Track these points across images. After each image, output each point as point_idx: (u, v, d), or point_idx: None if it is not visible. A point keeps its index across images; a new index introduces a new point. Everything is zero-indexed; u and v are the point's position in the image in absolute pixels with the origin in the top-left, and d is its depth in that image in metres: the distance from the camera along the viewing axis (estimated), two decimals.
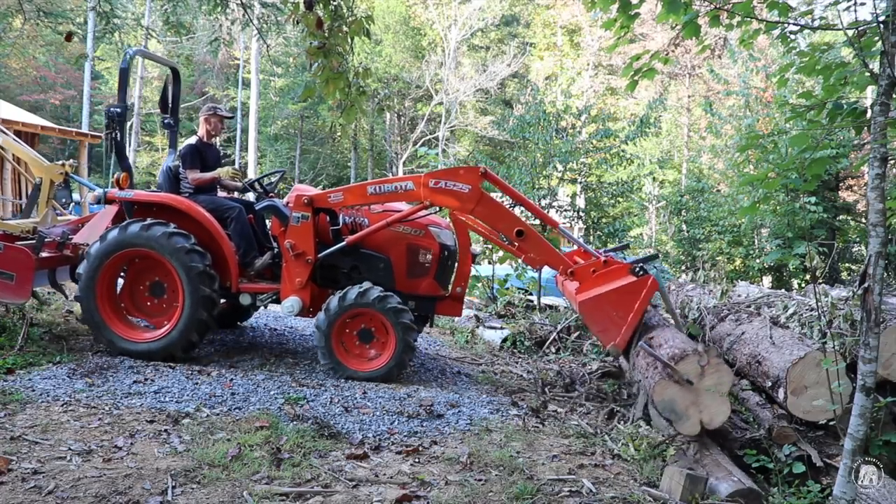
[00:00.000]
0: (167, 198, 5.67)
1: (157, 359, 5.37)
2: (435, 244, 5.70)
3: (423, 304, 5.80)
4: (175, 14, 10.59)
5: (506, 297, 9.63)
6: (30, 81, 31.18)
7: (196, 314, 5.36)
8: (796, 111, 3.89)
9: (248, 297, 5.71)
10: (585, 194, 14.11)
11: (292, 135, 34.34)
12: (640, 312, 4.91)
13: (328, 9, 5.08)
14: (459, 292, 5.87)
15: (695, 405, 4.23)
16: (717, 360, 4.31)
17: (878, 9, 3.35)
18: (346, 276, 5.71)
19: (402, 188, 5.48)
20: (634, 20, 4.14)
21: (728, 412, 4.26)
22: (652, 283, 4.91)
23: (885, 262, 5.58)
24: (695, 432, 4.21)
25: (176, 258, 5.32)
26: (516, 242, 5.42)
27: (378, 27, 29.58)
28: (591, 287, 5.10)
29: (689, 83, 29.11)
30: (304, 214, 5.53)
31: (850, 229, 14.63)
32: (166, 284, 5.62)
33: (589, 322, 5.15)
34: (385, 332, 5.36)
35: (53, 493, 3.10)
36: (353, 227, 5.78)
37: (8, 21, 19.52)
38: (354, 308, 5.30)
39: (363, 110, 5.46)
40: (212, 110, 6.16)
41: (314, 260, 5.56)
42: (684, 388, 4.24)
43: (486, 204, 5.41)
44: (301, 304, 5.51)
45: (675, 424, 4.26)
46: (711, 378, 4.25)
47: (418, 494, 3.38)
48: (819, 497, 3.80)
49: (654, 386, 4.30)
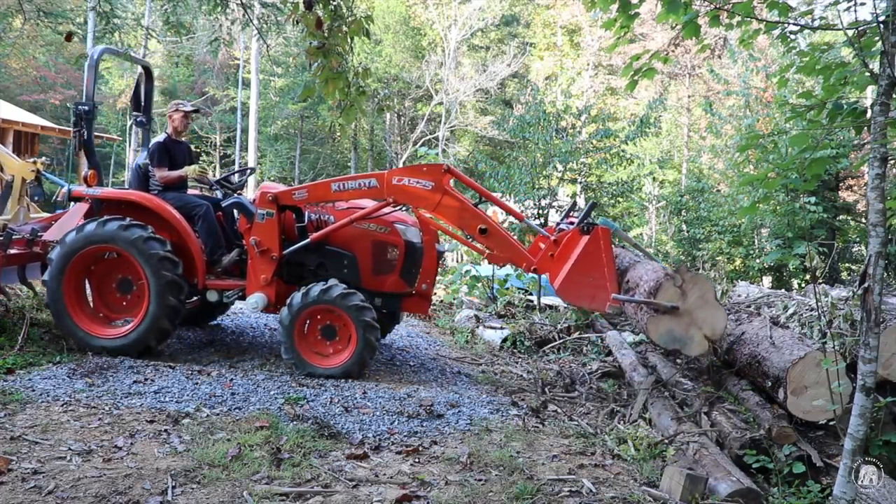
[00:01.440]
0: (134, 195, 5.72)
1: (131, 354, 5.39)
2: (401, 241, 5.71)
3: (390, 301, 5.84)
4: (175, 14, 10.59)
5: (506, 297, 9.62)
6: (30, 81, 31.16)
7: (164, 301, 5.37)
8: (796, 111, 3.89)
9: (215, 294, 5.74)
10: (585, 194, 14.10)
11: (292, 135, 34.32)
12: (611, 262, 4.91)
13: (328, 9, 5.08)
14: (426, 289, 5.90)
15: (692, 325, 4.25)
16: (691, 275, 4.39)
17: (878, 9, 3.35)
18: (312, 273, 5.75)
19: (365, 185, 5.50)
20: (634, 20, 4.14)
21: (725, 315, 4.31)
22: (603, 232, 4.93)
23: (885, 262, 5.58)
24: (705, 348, 4.24)
25: (134, 248, 5.35)
26: (479, 240, 5.42)
27: (378, 27, 29.57)
28: (558, 270, 5.09)
29: (689, 83, 29.09)
30: (268, 211, 5.57)
31: (850, 229, 14.62)
32: (131, 277, 5.66)
33: (576, 301, 5.14)
34: (347, 329, 5.37)
35: (53, 493, 3.10)
36: (319, 224, 5.82)
37: (8, 21, 19.52)
38: (317, 304, 5.31)
39: (363, 110, 5.47)
40: (174, 107, 6.18)
41: (279, 257, 5.60)
42: (673, 314, 4.26)
43: (449, 201, 5.38)
44: (266, 300, 5.55)
45: (684, 350, 4.28)
46: (693, 293, 4.31)
47: (418, 494, 3.38)
48: (819, 497, 3.80)
49: (646, 326, 4.30)
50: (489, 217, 5.46)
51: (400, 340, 7.28)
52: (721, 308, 4.34)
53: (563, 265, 5.04)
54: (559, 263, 5.10)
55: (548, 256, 5.21)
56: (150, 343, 5.46)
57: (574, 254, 4.97)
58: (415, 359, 6.46)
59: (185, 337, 6.49)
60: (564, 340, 7.46)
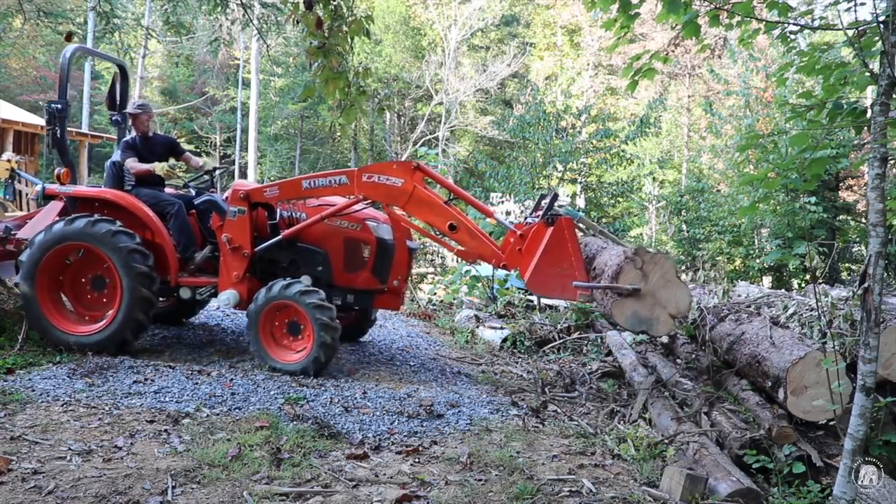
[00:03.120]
0: (107, 193, 5.75)
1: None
2: (372, 238, 5.73)
3: (362, 297, 5.87)
4: (175, 14, 10.59)
5: (506, 297, 9.62)
6: (30, 81, 31.18)
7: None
8: (796, 111, 3.89)
9: (188, 291, 5.78)
10: (585, 194, 14.11)
11: (292, 135, 34.33)
12: (577, 251, 4.95)
13: (328, 9, 5.08)
14: (397, 285, 5.91)
15: (656, 305, 4.32)
16: (650, 255, 4.47)
17: (878, 9, 3.35)
18: (284, 270, 5.78)
19: (336, 182, 5.52)
20: (634, 20, 4.14)
21: (689, 292, 4.37)
22: (566, 222, 4.98)
23: (885, 262, 5.58)
24: (670, 327, 4.35)
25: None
26: (449, 236, 5.44)
27: (378, 27, 29.57)
28: (527, 264, 5.11)
29: (689, 83, 29.10)
30: (240, 209, 5.62)
31: (850, 229, 14.63)
32: (103, 274, 5.68)
33: (547, 294, 5.17)
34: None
35: (53, 493, 3.10)
36: (291, 221, 5.85)
37: (8, 21, 19.52)
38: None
39: (363, 110, 5.47)
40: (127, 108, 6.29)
41: (251, 254, 5.64)
42: (637, 296, 4.30)
43: (419, 198, 5.39)
44: (238, 296, 5.58)
45: (651, 331, 4.39)
46: (655, 273, 4.38)
47: (418, 494, 3.38)
48: (819, 497, 3.80)
49: (610, 310, 4.34)
50: (459, 213, 5.48)
51: (400, 340, 7.28)
52: (684, 285, 4.43)
53: (531, 258, 5.06)
54: (527, 257, 5.12)
55: (516, 251, 5.22)
56: (127, 337, 5.48)
57: (540, 247, 5.00)
58: (415, 359, 6.46)
59: (185, 337, 6.49)
60: (564, 340, 7.46)
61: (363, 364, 5.98)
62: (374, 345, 6.90)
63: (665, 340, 6.60)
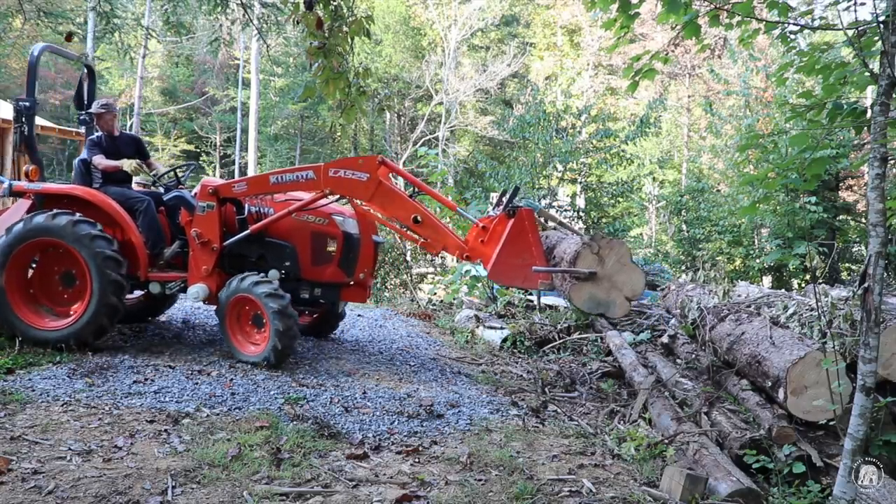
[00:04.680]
0: (76, 189, 5.79)
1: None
2: (338, 232, 5.83)
3: (329, 290, 5.99)
4: (175, 14, 10.59)
5: (506, 297, 9.62)
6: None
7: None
8: (796, 111, 3.89)
9: (158, 286, 5.84)
10: (585, 194, 14.11)
11: (292, 135, 34.34)
12: (538, 241, 5.09)
13: (328, 9, 5.08)
14: (363, 278, 6.02)
15: (613, 288, 4.65)
16: (606, 241, 4.77)
17: (878, 9, 3.35)
18: (252, 265, 5.86)
19: (303, 177, 5.62)
20: (634, 20, 4.15)
21: (643, 275, 4.64)
22: (526, 213, 5.11)
23: (885, 262, 5.58)
24: (626, 309, 4.72)
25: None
26: (414, 230, 5.55)
27: (378, 27, 29.57)
28: (489, 255, 5.23)
29: (689, 83, 29.11)
30: (209, 204, 5.72)
31: (850, 229, 14.62)
32: (74, 271, 5.68)
33: (509, 283, 5.34)
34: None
35: (53, 493, 3.10)
36: (259, 216, 5.93)
37: (8, 21, 19.52)
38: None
39: (363, 110, 5.48)
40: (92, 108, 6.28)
41: (220, 248, 5.73)
42: (594, 280, 4.55)
43: (384, 192, 5.50)
44: (207, 290, 5.67)
45: (608, 313, 4.79)
46: (610, 258, 4.70)
47: (418, 494, 3.38)
48: (819, 497, 3.80)
49: (569, 293, 4.56)
50: (424, 207, 5.60)
51: (400, 340, 7.28)
52: (638, 269, 4.75)
53: (493, 249, 5.20)
54: (489, 248, 5.25)
55: (478, 243, 5.36)
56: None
57: (502, 238, 5.14)
58: (415, 359, 6.46)
59: (186, 337, 6.49)
60: (564, 340, 7.45)
61: (363, 364, 5.98)
62: (374, 345, 6.90)
63: (665, 340, 6.60)
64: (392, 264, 11.92)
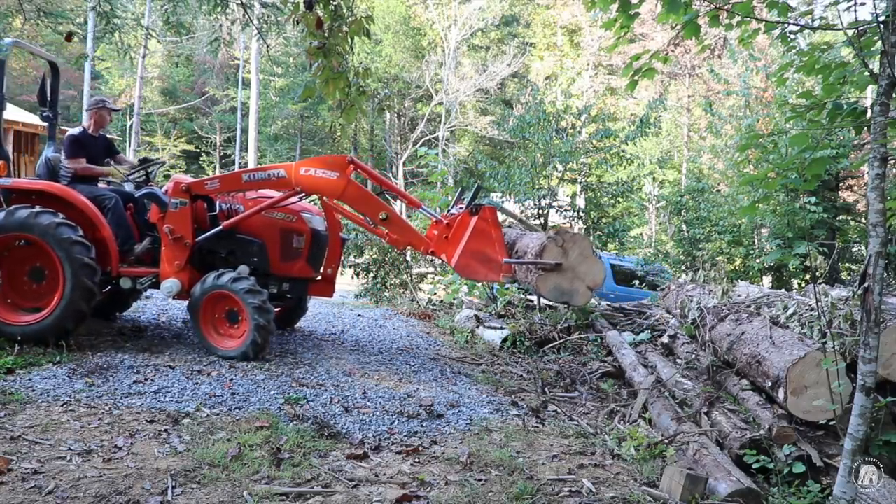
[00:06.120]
0: (46, 185, 5.83)
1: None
2: (307, 229, 6.03)
3: (297, 285, 6.22)
4: (175, 14, 10.57)
5: (506, 297, 9.62)
6: (30, 81, 31.16)
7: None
8: (796, 111, 3.89)
9: (129, 281, 5.92)
10: (585, 194, 14.09)
11: (292, 135, 34.35)
12: (500, 237, 5.35)
13: (328, 9, 5.08)
14: (330, 274, 6.28)
15: (576, 278, 5.04)
16: (570, 234, 5.12)
17: (878, 9, 3.35)
18: (223, 260, 5.99)
19: (274, 175, 5.77)
20: (634, 20, 4.15)
21: (603, 266, 5.10)
22: (489, 210, 5.37)
23: (885, 262, 5.58)
24: (588, 298, 5.12)
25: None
26: (381, 226, 5.75)
27: (378, 27, 29.60)
28: (453, 251, 5.43)
29: (689, 83, 29.11)
30: (181, 200, 5.82)
31: (850, 229, 14.61)
32: (42, 265, 5.71)
33: (473, 276, 5.52)
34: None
35: (53, 493, 3.10)
36: (230, 213, 6.07)
37: (8, 21, 19.51)
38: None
39: (363, 110, 5.49)
40: (101, 104, 6.32)
41: (192, 244, 5.82)
42: (558, 271, 5.00)
43: (354, 190, 5.69)
44: (179, 285, 5.77)
45: (571, 302, 5.11)
46: (574, 251, 5.07)
47: (418, 494, 3.38)
48: (819, 497, 3.80)
49: (535, 284, 4.88)
50: (389, 205, 5.81)
51: (400, 340, 7.28)
52: (599, 261, 5.19)
53: (456, 245, 5.39)
54: (453, 244, 5.45)
55: (442, 239, 5.56)
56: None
57: (466, 234, 5.34)
58: (415, 359, 6.46)
59: (186, 337, 6.49)
60: (564, 340, 7.46)
61: (363, 364, 5.98)
62: (374, 345, 6.90)
63: (665, 340, 6.60)
64: (392, 264, 11.91)
